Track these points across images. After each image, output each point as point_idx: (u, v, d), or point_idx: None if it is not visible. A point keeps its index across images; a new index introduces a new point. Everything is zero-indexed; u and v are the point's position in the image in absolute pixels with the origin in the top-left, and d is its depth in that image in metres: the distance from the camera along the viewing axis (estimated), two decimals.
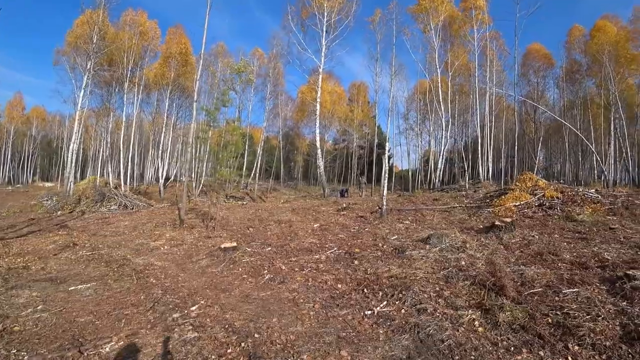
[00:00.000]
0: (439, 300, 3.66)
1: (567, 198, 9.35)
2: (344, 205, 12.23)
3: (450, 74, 24.31)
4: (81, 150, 38.71)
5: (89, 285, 5.31)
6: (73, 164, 22.36)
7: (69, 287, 5.25)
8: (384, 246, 6.01)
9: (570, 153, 29.60)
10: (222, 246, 6.63)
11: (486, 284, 3.75)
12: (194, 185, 26.11)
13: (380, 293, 4.08)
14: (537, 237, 6.20)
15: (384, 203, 9.33)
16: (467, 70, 26.01)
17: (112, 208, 16.28)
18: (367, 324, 3.46)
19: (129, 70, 23.16)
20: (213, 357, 3.11)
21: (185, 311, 4.14)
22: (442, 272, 4.49)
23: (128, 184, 25.63)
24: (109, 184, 24.90)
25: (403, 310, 3.60)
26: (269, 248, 6.76)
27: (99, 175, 28.07)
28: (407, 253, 5.30)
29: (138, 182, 29.80)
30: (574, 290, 3.57)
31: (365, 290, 4.24)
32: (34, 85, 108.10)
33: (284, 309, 4.05)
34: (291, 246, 6.77)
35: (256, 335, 3.41)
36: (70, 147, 20.31)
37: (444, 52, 24.81)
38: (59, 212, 15.51)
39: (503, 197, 9.73)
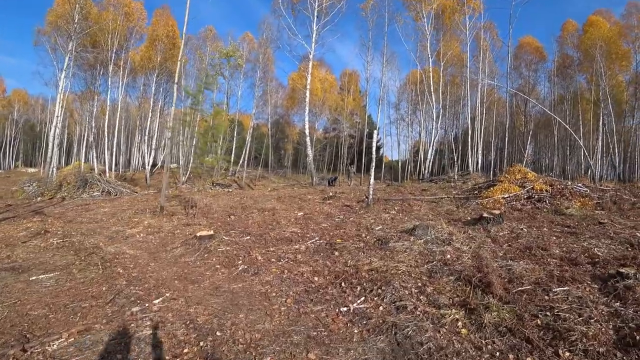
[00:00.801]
0: (421, 297, 3.36)
1: (556, 191, 9.14)
2: (331, 194, 11.91)
3: (442, 64, 23.93)
4: (65, 135, 37.68)
5: (51, 275, 4.93)
6: (56, 149, 21.62)
7: (31, 276, 4.87)
8: (367, 237, 5.71)
9: (558, 147, 29.64)
10: (198, 234, 6.26)
11: (472, 280, 3.46)
12: (180, 172, 25.59)
13: (359, 288, 3.77)
14: (526, 230, 5.95)
15: (371, 192, 9.03)
16: (460, 60, 25.66)
17: (94, 194, 15.72)
18: (341, 322, 3.15)
19: (113, 53, 22.26)
20: (167, 357, 2.77)
21: (147, 305, 3.79)
22: (426, 266, 4.20)
23: (114, 170, 24.91)
24: (94, 169, 24.23)
25: (381, 308, 3.29)
26: (248, 237, 6.41)
27: (84, 161, 27.29)
28: (390, 245, 4.99)
29: (125, 169, 29.06)
30: (565, 288, 3.30)
31: (342, 284, 3.93)
32: (14, 66, 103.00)
33: (254, 303, 3.73)
34: (271, 235, 6.43)
35: (218, 334, 3.08)
36: (52, 132, 19.56)
37: (436, 42, 24.40)
38: (38, 199, 14.97)
39: (492, 188, 9.49)
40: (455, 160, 22.92)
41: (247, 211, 9.50)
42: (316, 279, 4.20)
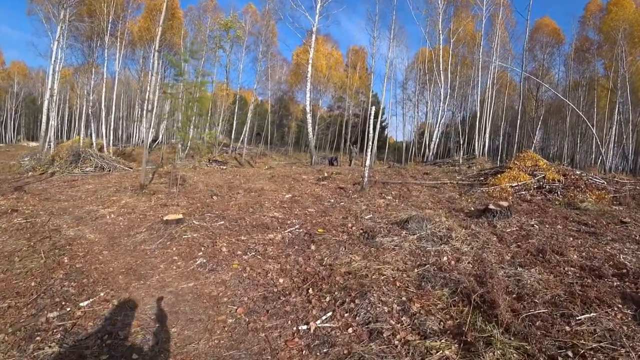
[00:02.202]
0: (403, 318, 2.56)
1: (570, 182, 8.22)
2: (326, 174, 11.08)
3: (452, 41, 22.44)
4: (67, 108, 36.91)
5: None
6: (51, 123, 20.86)
7: None
8: (353, 227, 4.90)
9: (568, 134, 28.23)
10: (165, 218, 5.51)
11: (472, 296, 2.65)
12: (179, 147, 24.81)
13: (328, 297, 2.98)
14: (537, 227, 5.09)
15: (366, 175, 8.17)
16: (472, 39, 24.12)
17: (87, 170, 15.03)
18: (295, 347, 2.39)
19: (109, 23, 21.09)
20: None
21: (70, 309, 3.06)
22: (416, 271, 3.39)
23: (111, 144, 24.16)
24: (93, 144, 23.53)
25: (350, 330, 2.51)
26: (222, 222, 5.65)
27: (84, 135, 26.58)
28: (377, 239, 4.19)
29: (125, 144, 28.36)
30: (590, 316, 2.48)
31: (310, 290, 3.15)
32: (12, 37, 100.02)
33: (197, 311, 2.97)
34: (248, 221, 5.65)
35: (134, 357, 2.34)
36: (45, 105, 18.73)
37: (447, 18, 22.86)
38: (29, 174, 14.34)
39: (499, 175, 8.57)
40: (462, 143, 21.79)
41: (233, 191, 8.73)
42: (281, 280, 3.43)
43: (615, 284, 3.14)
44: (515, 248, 4.17)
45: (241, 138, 25.61)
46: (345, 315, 2.69)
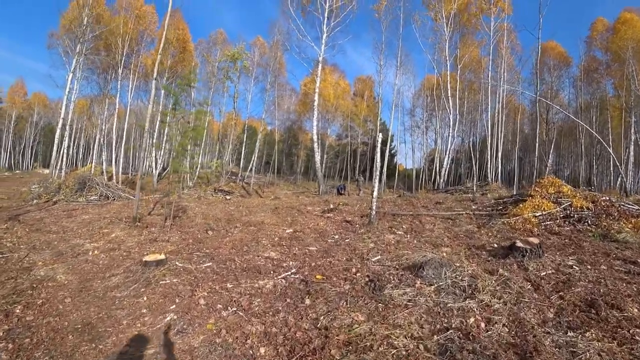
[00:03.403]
0: None
1: (601, 210, 7.30)
2: (332, 206, 10.32)
3: (459, 66, 22.02)
4: (82, 137, 37.48)
5: None
6: (64, 151, 20.91)
7: None
8: (358, 273, 4.08)
9: (583, 156, 27.07)
10: (145, 259, 4.79)
11: None
12: (187, 177, 24.45)
13: None
14: (577, 268, 4.20)
15: (374, 207, 7.38)
16: (478, 65, 23.69)
17: (91, 198, 14.62)
18: None
19: (123, 56, 21.42)
20: None
21: None
22: (436, 338, 2.57)
23: (121, 173, 23.99)
24: (104, 173, 23.37)
25: None
26: (209, 264, 4.89)
27: (94, 163, 26.56)
28: (386, 292, 3.37)
29: (135, 172, 28.23)
30: None
31: None
32: (35, 70, 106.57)
33: None
34: (238, 263, 4.89)
35: None
36: (57, 133, 18.75)
37: (454, 45, 22.56)
38: (34, 201, 14.00)
39: (520, 205, 7.69)
40: (474, 169, 20.88)
41: (231, 224, 8.02)
42: (262, 351, 2.63)
43: None
44: (557, 300, 3.30)
45: (249, 167, 25.19)
46: None
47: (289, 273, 4.34)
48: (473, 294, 3.21)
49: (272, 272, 4.48)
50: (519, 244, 4.73)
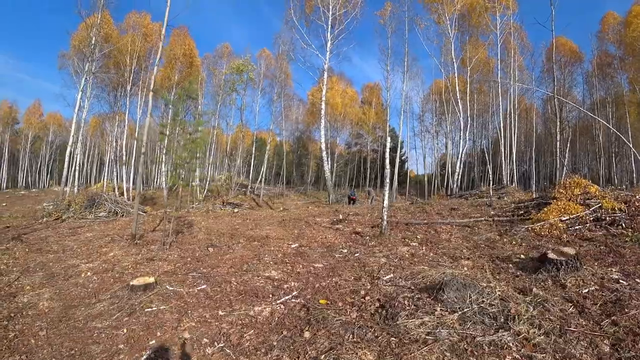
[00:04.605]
0: None
1: (635, 211, 6.56)
2: (341, 216, 9.76)
3: (468, 69, 21.34)
4: (95, 154, 37.95)
5: None
6: (75, 168, 21.01)
7: None
8: (367, 297, 3.51)
9: (601, 154, 25.88)
10: (132, 283, 4.30)
11: None
12: (197, 190, 24.19)
13: None
14: (625, 283, 3.55)
15: (385, 217, 6.79)
16: (487, 66, 22.98)
17: (100, 215, 14.42)
18: None
19: (132, 73, 21.53)
20: None
21: None
22: None
23: (131, 189, 23.94)
24: (115, 189, 23.36)
25: None
26: (204, 286, 4.38)
27: (106, 180, 26.70)
28: (400, 321, 2.79)
29: (146, 187, 28.24)
30: None
31: None
32: (51, 91, 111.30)
33: None
34: (234, 285, 4.36)
35: None
36: (67, 151, 18.81)
37: (460, 46, 21.92)
38: (44, 219, 13.87)
39: (544, 209, 7.00)
40: (490, 172, 20.02)
41: (234, 240, 7.52)
42: None
43: None
44: (610, 327, 2.67)
45: (259, 178, 24.84)
46: None
47: (290, 296, 3.79)
48: (506, 323, 2.60)
49: (270, 295, 3.94)
50: (551, 255, 4.09)
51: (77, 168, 21.62)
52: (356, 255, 5.49)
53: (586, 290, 3.41)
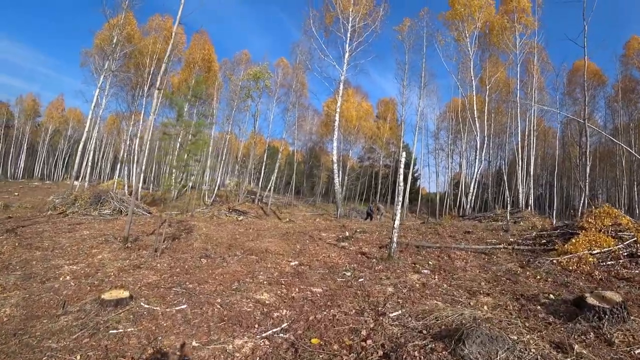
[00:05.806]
0: None
1: None
2: (347, 233, 9.12)
3: (487, 88, 20.62)
4: (111, 152, 38.26)
5: None
6: (87, 163, 20.97)
7: None
8: (369, 340, 2.88)
9: (623, 181, 24.65)
10: (103, 297, 3.76)
11: None
12: (206, 194, 23.86)
13: None
14: None
15: (395, 239, 6.15)
16: (506, 86, 22.23)
17: (104, 212, 14.14)
18: None
19: (151, 74, 21.55)
20: None
21: None
22: None
23: (141, 189, 23.77)
24: (125, 187, 23.19)
25: None
26: (183, 306, 3.81)
27: (118, 178, 26.59)
28: None
29: (156, 187, 28.08)
30: None
31: None
32: (73, 86, 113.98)
33: None
34: (218, 307, 3.78)
35: None
36: (80, 146, 18.79)
37: (480, 64, 21.29)
38: (48, 212, 13.64)
39: (572, 240, 6.25)
40: (507, 194, 19.09)
41: (230, 251, 6.97)
42: None
43: None
44: None
45: (269, 187, 24.38)
46: None
47: (278, 329, 3.19)
48: None
49: (256, 325, 3.34)
50: (590, 299, 3.41)
51: (89, 164, 21.56)
52: (360, 280, 4.86)
53: (638, 351, 2.73)
